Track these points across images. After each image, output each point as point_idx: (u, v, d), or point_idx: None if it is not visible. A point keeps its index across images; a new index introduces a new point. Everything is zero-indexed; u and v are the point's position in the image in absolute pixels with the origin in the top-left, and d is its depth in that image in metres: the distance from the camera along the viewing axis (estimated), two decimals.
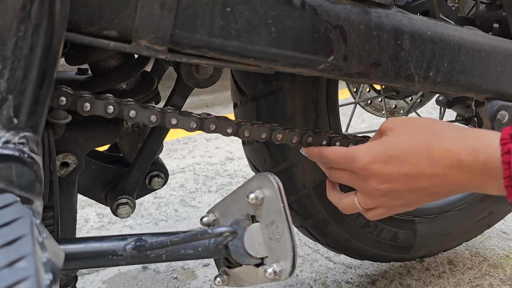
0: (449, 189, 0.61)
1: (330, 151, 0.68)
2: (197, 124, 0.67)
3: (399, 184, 0.61)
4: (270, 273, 0.60)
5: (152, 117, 0.64)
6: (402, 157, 0.61)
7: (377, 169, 0.62)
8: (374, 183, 0.63)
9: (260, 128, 0.70)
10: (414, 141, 0.61)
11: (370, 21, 0.67)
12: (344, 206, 0.70)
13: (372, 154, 0.62)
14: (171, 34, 0.59)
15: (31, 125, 0.52)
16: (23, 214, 0.41)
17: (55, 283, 0.39)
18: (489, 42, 0.77)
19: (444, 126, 0.62)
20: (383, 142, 0.63)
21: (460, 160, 0.57)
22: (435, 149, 0.59)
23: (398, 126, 0.64)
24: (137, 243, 0.61)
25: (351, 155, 0.64)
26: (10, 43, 0.49)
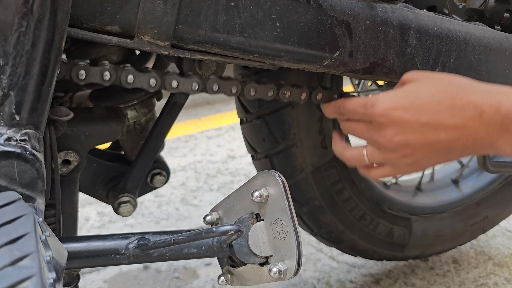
0: (464, 146, 0.59)
1: (349, 100, 0.67)
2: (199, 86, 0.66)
3: (415, 136, 0.59)
4: (275, 272, 0.59)
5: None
6: (424, 104, 0.59)
7: (396, 116, 0.60)
8: (389, 133, 0.60)
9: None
10: (437, 89, 0.59)
11: (376, 16, 0.66)
12: (350, 156, 0.68)
13: (393, 100, 0.60)
14: (174, 30, 0.58)
15: (32, 122, 0.51)
16: (26, 212, 0.40)
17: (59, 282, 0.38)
18: (496, 38, 0.76)
19: (467, 80, 0.61)
20: (405, 89, 0.61)
21: (482, 112, 0.56)
22: (458, 99, 0.57)
23: (422, 76, 0.62)
24: (140, 242, 0.60)
25: (370, 102, 0.62)
26: (12, 38, 0.48)
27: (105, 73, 0.60)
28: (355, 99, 0.66)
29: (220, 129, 2.37)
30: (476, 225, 1.22)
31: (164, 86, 0.64)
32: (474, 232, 1.24)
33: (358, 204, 1.01)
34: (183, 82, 0.65)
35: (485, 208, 1.22)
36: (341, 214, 1.00)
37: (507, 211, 1.26)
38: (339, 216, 1.00)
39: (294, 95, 0.71)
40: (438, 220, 1.16)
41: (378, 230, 1.07)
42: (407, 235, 1.12)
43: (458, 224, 1.20)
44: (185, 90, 0.65)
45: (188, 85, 0.65)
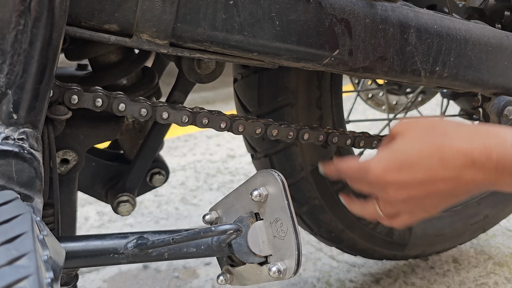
0: (466, 190, 0.59)
1: (345, 166, 0.67)
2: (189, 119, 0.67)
3: (416, 190, 0.60)
4: (274, 271, 0.59)
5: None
6: (414, 162, 0.59)
7: (391, 178, 0.60)
8: (391, 192, 0.61)
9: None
10: (424, 144, 0.59)
11: (375, 14, 0.66)
12: (367, 214, 0.69)
13: (383, 163, 0.61)
14: (173, 28, 0.58)
15: (30, 120, 0.51)
16: (23, 211, 0.40)
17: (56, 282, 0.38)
18: (496, 36, 0.76)
19: (453, 125, 0.60)
20: (393, 149, 0.62)
21: (473, 160, 0.56)
22: (446, 150, 0.58)
23: (407, 129, 0.62)
24: (139, 241, 0.60)
25: (364, 168, 0.63)
26: (9, 36, 0.48)
27: (98, 99, 0.61)
28: (349, 164, 0.67)
29: None
30: (476, 224, 1.22)
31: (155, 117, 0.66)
32: (474, 231, 1.24)
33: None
34: (173, 114, 0.66)
35: (485, 207, 1.21)
36: (340, 213, 1.00)
37: (507, 211, 1.25)
38: (339, 215, 1.00)
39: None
40: (438, 219, 1.16)
41: (378, 230, 1.07)
42: (407, 235, 1.11)
43: (458, 223, 1.20)
44: (175, 121, 0.67)
45: (178, 117, 0.67)
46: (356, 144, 0.80)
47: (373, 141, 0.75)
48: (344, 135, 0.78)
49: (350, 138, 0.80)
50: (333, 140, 0.78)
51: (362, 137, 0.81)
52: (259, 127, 0.72)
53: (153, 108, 0.65)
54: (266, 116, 0.87)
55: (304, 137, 0.75)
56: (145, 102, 0.64)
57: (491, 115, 0.79)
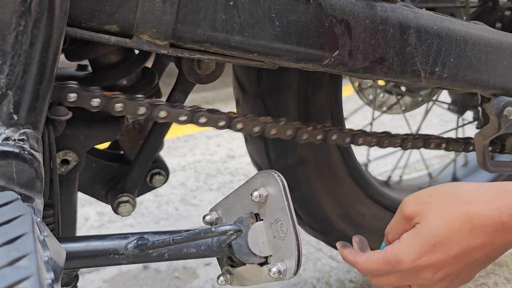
0: (501, 250, 0.59)
1: (366, 262, 0.64)
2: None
3: (452, 266, 0.59)
4: (274, 272, 0.59)
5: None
6: (445, 240, 0.58)
7: (426, 262, 0.59)
8: (428, 275, 0.60)
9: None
10: (451, 219, 0.58)
11: (375, 15, 0.66)
12: None
13: (415, 250, 0.59)
14: (173, 29, 0.58)
15: (31, 121, 0.51)
16: (24, 212, 0.40)
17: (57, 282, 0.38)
18: (495, 37, 0.76)
19: (472, 190, 0.60)
20: (420, 233, 0.60)
21: (503, 223, 0.56)
22: (474, 220, 0.57)
23: (425, 207, 0.61)
24: (139, 241, 0.60)
25: (394, 259, 0.61)
26: (10, 37, 0.48)
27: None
28: (372, 259, 0.64)
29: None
30: None
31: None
32: None
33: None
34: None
35: None
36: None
37: None
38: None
39: None
40: None
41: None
42: None
43: None
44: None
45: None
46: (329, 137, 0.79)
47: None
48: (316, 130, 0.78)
49: (348, 136, 0.80)
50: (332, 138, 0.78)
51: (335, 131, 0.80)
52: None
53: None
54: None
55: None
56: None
57: (491, 115, 0.79)
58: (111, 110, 0.63)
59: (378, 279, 0.66)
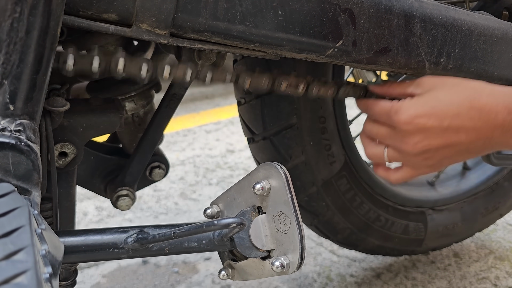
0: (482, 145, 0.63)
1: (375, 101, 0.69)
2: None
3: (437, 140, 0.62)
4: (277, 266, 0.58)
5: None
6: (444, 108, 0.62)
7: (420, 123, 0.62)
8: (413, 140, 0.63)
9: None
10: (455, 93, 0.62)
11: (380, 4, 0.64)
12: (371, 153, 0.70)
13: (416, 107, 0.63)
14: (173, 18, 0.56)
15: (27, 112, 0.49)
16: (21, 204, 0.38)
17: (55, 277, 0.37)
18: (501, 28, 0.75)
19: (481, 83, 0.64)
20: (425, 96, 0.64)
21: (496, 113, 0.60)
22: (475, 101, 0.61)
23: (438, 83, 0.65)
24: (139, 235, 0.59)
25: (394, 108, 0.64)
26: (5, 25, 0.46)
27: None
28: (380, 103, 0.68)
29: (219, 123, 2.36)
30: (492, 212, 1.23)
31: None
32: (490, 218, 1.24)
33: (371, 207, 1.03)
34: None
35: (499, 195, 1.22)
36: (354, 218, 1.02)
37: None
38: (353, 220, 1.02)
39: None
40: (452, 211, 1.17)
41: (394, 229, 1.07)
42: (422, 230, 1.12)
43: (473, 212, 1.20)
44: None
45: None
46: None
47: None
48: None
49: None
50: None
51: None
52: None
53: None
54: None
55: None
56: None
57: None
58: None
59: (371, 124, 0.70)
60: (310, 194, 0.95)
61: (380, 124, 0.68)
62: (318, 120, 0.90)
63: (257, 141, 0.95)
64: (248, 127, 0.95)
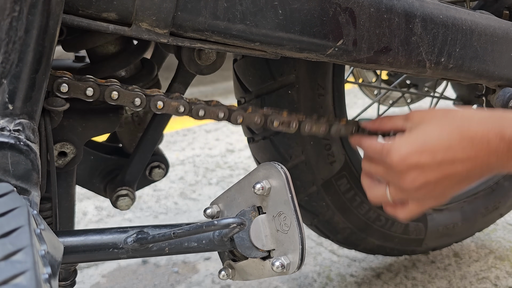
0: (480, 172, 0.62)
1: (368, 143, 0.69)
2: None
3: (434, 174, 0.62)
4: (277, 266, 0.58)
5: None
6: (435, 143, 0.62)
7: (413, 161, 0.62)
8: (409, 178, 0.63)
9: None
10: (444, 127, 0.62)
11: (380, 3, 0.64)
12: (373, 196, 0.70)
13: (406, 145, 0.63)
14: (173, 17, 0.56)
15: (27, 111, 0.49)
16: (20, 204, 0.38)
17: (54, 277, 0.37)
18: (502, 27, 0.75)
19: (470, 111, 0.64)
20: (414, 133, 0.64)
21: (489, 140, 0.60)
22: (465, 132, 0.61)
23: (426, 117, 0.65)
24: (139, 235, 0.58)
25: (386, 149, 0.65)
26: (4, 24, 0.46)
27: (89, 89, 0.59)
28: (372, 145, 0.68)
29: (219, 123, 2.35)
30: (492, 212, 1.23)
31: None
32: (491, 218, 1.24)
33: (371, 207, 1.03)
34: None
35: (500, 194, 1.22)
36: (355, 218, 1.02)
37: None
38: (353, 220, 1.02)
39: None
40: (452, 211, 1.16)
41: (394, 229, 1.07)
42: (423, 230, 1.12)
43: (473, 212, 1.20)
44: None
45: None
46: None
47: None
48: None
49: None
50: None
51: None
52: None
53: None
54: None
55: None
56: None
57: (496, 107, 0.78)
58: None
59: (368, 164, 0.70)
60: (310, 194, 0.95)
61: (376, 163, 0.68)
62: None
63: (257, 140, 0.94)
64: (248, 127, 0.95)
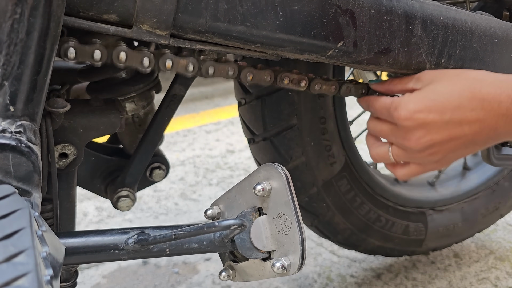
0: (487, 136, 0.60)
1: (376, 98, 0.68)
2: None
3: (440, 134, 0.61)
4: (278, 267, 0.58)
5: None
6: (444, 101, 0.60)
7: (420, 118, 0.60)
8: (415, 136, 0.62)
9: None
10: (455, 84, 0.60)
11: (381, 5, 0.64)
12: (375, 153, 0.69)
13: (415, 101, 0.61)
14: (174, 18, 0.56)
15: (28, 113, 0.49)
16: (21, 206, 0.38)
17: (56, 279, 0.37)
18: (502, 28, 0.75)
19: (483, 72, 0.62)
20: (425, 89, 0.62)
21: (500, 102, 0.58)
22: (476, 91, 0.59)
23: (438, 75, 0.63)
24: (140, 236, 0.59)
25: (394, 105, 0.63)
26: (5, 26, 0.46)
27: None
28: (380, 100, 0.67)
29: (219, 124, 2.36)
30: (493, 212, 1.23)
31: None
32: (491, 218, 1.24)
33: (371, 208, 1.03)
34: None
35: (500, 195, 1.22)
36: (355, 219, 1.02)
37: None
38: (353, 221, 1.02)
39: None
40: (452, 211, 1.17)
41: (394, 229, 1.07)
42: (423, 230, 1.12)
43: (473, 212, 1.20)
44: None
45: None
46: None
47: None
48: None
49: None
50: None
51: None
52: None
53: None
54: None
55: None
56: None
57: None
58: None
59: (374, 123, 0.69)
60: (310, 195, 0.95)
61: (383, 122, 0.67)
62: (318, 121, 0.90)
63: (257, 141, 0.95)
64: (248, 128, 0.95)
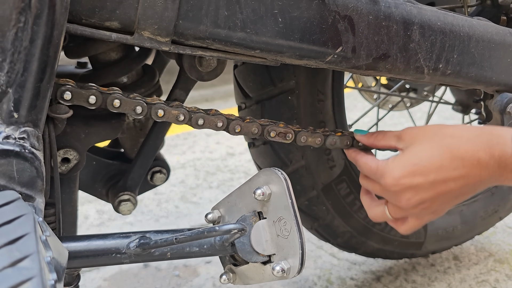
0: (474, 187, 0.64)
1: (363, 162, 0.71)
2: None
3: (428, 193, 0.64)
4: (278, 271, 0.59)
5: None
6: (427, 163, 0.63)
7: (406, 183, 0.64)
8: (404, 198, 0.65)
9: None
10: (434, 147, 0.64)
11: (379, 11, 0.65)
12: (374, 214, 0.72)
13: (399, 168, 0.65)
14: (175, 25, 0.57)
15: (31, 119, 0.50)
16: (26, 212, 0.39)
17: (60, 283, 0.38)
18: (499, 33, 0.76)
19: (459, 128, 0.65)
20: (405, 154, 0.66)
21: (478, 159, 0.61)
22: (455, 151, 0.62)
23: (417, 136, 0.67)
24: (141, 240, 0.59)
25: (380, 171, 0.67)
26: (9, 34, 0.47)
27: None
28: (367, 163, 0.70)
29: None
30: (492, 215, 1.23)
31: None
32: (490, 221, 1.25)
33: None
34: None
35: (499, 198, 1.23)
36: (354, 222, 1.02)
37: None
38: (353, 224, 1.02)
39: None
40: (452, 214, 1.17)
41: (393, 232, 1.08)
42: (422, 233, 1.13)
43: (472, 215, 1.21)
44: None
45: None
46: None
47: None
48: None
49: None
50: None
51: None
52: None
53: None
54: None
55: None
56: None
57: (494, 112, 0.79)
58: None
59: (366, 181, 0.72)
60: (310, 198, 0.96)
61: (373, 182, 0.70)
62: (318, 125, 0.91)
63: (257, 145, 0.95)
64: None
